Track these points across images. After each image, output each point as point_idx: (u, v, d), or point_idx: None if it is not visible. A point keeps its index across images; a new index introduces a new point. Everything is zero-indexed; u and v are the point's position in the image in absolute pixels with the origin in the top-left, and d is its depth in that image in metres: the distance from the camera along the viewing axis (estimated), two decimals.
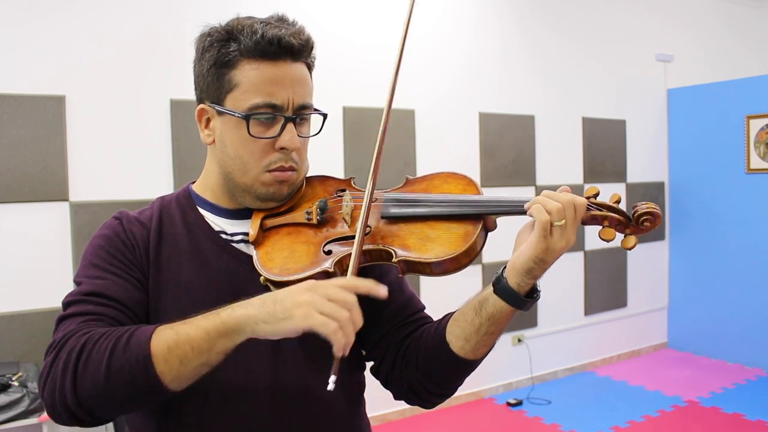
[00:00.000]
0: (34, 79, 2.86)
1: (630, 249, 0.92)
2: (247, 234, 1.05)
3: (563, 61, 4.65)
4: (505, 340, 4.36)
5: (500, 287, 0.93)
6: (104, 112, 3.02)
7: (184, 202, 1.09)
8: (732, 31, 5.73)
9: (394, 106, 1.01)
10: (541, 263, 0.89)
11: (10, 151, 2.80)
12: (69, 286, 2.99)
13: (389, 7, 3.86)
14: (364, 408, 1.16)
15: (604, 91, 4.88)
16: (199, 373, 0.86)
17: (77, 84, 2.95)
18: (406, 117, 3.86)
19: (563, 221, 0.88)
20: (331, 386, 0.80)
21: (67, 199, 2.93)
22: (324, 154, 3.60)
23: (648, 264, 5.15)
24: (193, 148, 3.18)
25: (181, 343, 0.83)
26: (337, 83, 3.59)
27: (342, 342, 0.80)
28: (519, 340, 4.46)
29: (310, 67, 1.04)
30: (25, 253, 2.85)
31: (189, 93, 3.40)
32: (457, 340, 0.98)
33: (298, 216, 1.04)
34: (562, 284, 4.61)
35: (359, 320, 0.82)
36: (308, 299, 0.81)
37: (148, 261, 1.01)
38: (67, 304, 0.94)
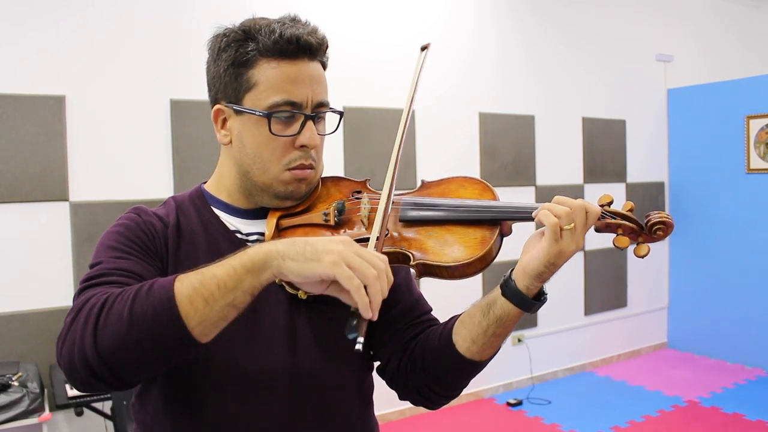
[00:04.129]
0: (34, 79, 2.86)
1: (643, 257, 0.94)
2: (262, 234, 1.05)
3: (563, 61, 4.65)
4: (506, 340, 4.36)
5: (509, 290, 0.94)
6: (104, 112, 3.02)
7: (198, 202, 1.09)
8: (732, 31, 5.73)
9: (393, 105, 1.02)
10: (552, 267, 0.91)
11: (10, 151, 2.80)
12: (69, 286, 2.99)
13: (390, 6, 3.86)
14: (373, 409, 1.16)
15: (604, 91, 4.88)
16: (225, 316, 0.82)
17: (77, 84, 2.95)
18: None
19: (572, 225, 0.89)
20: (358, 346, 0.77)
21: (67, 199, 2.93)
22: (323, 154, 3.60)
23: (648, 264, 5.14)
24: (193, 148, 3.19)
25: (207, 282, 0.80)
26: (337, 82, 3.58)
27: (364, 301, 0.77)
28: (519, 340, 4.46)
29: (324, 66, 1.05)
30: (25, 253, 2.85)
31: (189, 93, 3.37)
32: (463, 341, 1.00)
33: (315, 217, 1.04)
34: (562, 284, 4.60)
35: (386, 288, 0.80)
36: (340, 249, 0.79)
37: (167, 253, 1.01)
38: (87, 278, 0.91)
